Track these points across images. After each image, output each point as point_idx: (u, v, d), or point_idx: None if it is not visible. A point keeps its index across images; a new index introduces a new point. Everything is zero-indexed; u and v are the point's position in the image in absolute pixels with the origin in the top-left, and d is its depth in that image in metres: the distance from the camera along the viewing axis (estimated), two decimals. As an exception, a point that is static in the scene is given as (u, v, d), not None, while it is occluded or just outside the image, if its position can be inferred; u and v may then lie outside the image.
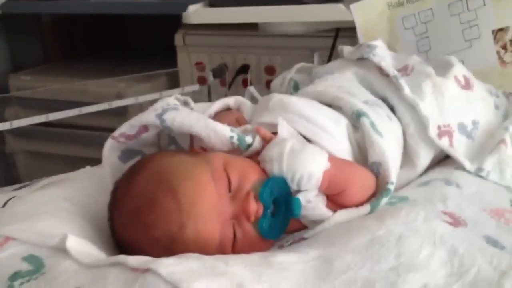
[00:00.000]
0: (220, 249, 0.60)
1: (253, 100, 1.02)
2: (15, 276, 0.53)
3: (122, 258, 0.53)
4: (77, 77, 1.94)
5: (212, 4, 1.56)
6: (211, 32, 1.68)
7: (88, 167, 0.89)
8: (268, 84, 1.66)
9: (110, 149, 0.72)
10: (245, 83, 1.72)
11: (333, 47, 1.49)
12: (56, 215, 0.65)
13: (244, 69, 1.73)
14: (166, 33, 1.73)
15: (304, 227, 0.67)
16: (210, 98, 1.61)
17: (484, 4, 1.12)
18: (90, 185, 0.76)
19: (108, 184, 0.70)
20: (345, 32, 1.45)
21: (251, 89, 1.22)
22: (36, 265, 0.54)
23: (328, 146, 0.71)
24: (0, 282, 0.53)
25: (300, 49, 1.56)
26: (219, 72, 1.70)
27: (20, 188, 0.77)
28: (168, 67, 1.81)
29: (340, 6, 1.36)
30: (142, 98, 1.18)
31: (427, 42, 1.19)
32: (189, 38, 1.74)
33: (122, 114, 1.63)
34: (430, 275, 0.54)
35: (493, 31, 1.13)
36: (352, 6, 1.24)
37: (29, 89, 1.97)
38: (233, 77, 1.72)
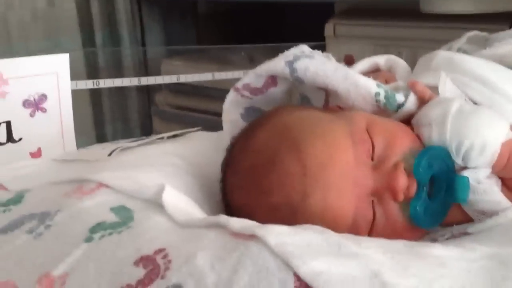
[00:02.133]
0: (352, 232, 0.46)
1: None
2: (97, 227, 0.44)
3: (224, 219, 0.41)
4: (227, 64, 1.93)
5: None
6: (364, 22, 1.54)
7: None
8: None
9: (231, 103, 0.61)
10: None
11: None
12: (162, 169, 0.55)
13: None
14: (317, 23, 1.63)
15: (466, 219, 0.50)
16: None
17: None
18: (207, 144, 0.66)
19: (227, 143, 0.59)
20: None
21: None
22: (124, 218, 0.44)
23: (511, 118, 0.53)
24: (81, 231, 0.44)
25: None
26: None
27: (136, 141, 0.69)
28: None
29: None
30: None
31: None
32: (340, 28, 1.61)
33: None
34: None
35: None
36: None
37: (180, 74, 2.00)
38: (383, 72, 1.55)
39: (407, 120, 0.54)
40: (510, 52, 0.63)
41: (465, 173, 0.49)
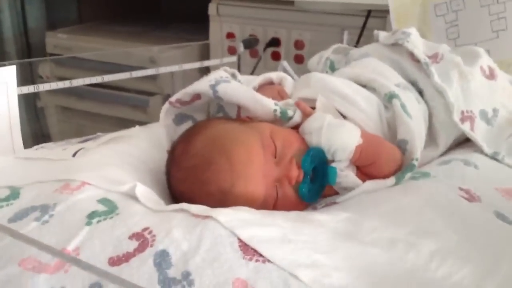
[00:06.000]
0: (263, 206, 0.70)
1: (286, 74, 1.09)
2: (92, 214, 0.62)
3: (186, 205, 0.62)
4: (112, 39, 2.01)
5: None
6: (245, 3, 1.74)
7: (137, 127, 0.97)
8: (296, 58, 1.74)
9: (166, 112, 0.81)
10: (274, 56, 1.79)
11: (363, 28, 1.56)
12: (121, 167, 0.74)
13: (275, 42, 1.80)
14: (199, 1, 1.79)
15: (335, 193, 0.76)
16: (239, 69, 1.68)
17: (514, -2, 1.19)
18: (145, 143, 0.85)
19: (164, 143, 0.80)
20: (376, 13, 1.51)
21: (284, 63, 1.30)
22: (110, 207, 0.63)
23: (361, 122, 0.79)
24: (79, 218, 0.61)
25: (331, 27, 1.62)
26: (249, 44, 1.77)
27: (84, 141, 0.87)
28: (199, 35, 1.88)
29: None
30: (187, 66, 1.26)
31: (456, 30, 1.26)
32: (223, 8, 1.79)
33: (153, 78, 1.70)
34: (444, 241, 0.62)
35: (519, 24, 1.19)
36: (387, -10, 1.30)
37: (65, 47, 2.04)
38: (263, 50, 1.79)
39: (295, 127, 0.78)
40: (361, 71, 0.89)
41: (333, 164, 0.74)
